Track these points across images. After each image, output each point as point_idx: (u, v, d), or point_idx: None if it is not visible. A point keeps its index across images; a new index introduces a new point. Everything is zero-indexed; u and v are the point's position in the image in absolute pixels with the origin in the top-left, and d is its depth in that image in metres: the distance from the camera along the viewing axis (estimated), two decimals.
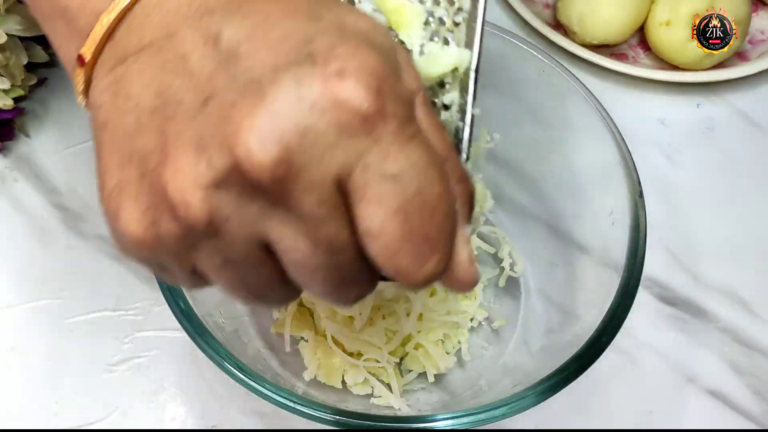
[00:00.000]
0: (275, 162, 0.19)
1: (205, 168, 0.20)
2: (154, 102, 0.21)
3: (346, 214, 0.21)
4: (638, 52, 0.58)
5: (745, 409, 0.44)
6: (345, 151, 0.20)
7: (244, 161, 0.19)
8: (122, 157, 0.22)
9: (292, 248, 0.21)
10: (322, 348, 0.40)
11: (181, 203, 0.20)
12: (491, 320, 0.44)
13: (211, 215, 0.20)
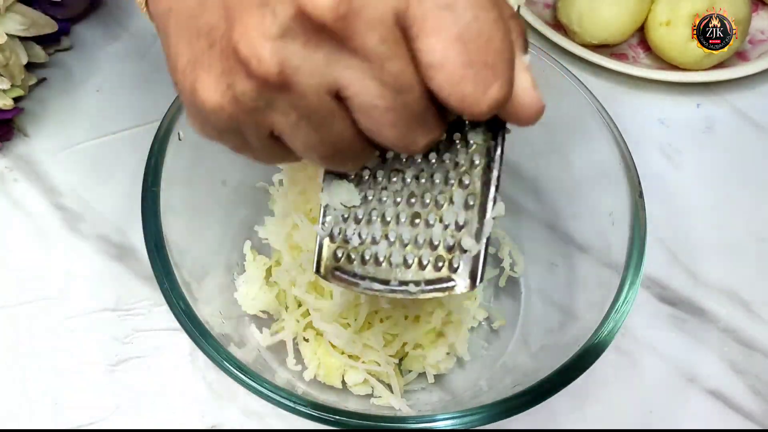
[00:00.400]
0: (336, 2, 0.20)
1: (271, 20, 0.21)
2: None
3: (408, 51, 0.21)
4: (638, 52, 0.58)
5: (745, 409, 0.44)
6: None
7: (307, 4, 0.20)
8: (191, 35, 0.23)
9: (361, 92, 0.22)
10: (323, 348, 0.40)
11: (253, 58, 0.21)
12: (491, 320, 0.44)
13: (282, 65, 0.21)
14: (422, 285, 0.29)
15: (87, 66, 0.55)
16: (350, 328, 0.39)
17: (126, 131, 0.52)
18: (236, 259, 0.43)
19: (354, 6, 0.20)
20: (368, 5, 0.21)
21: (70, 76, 0.54)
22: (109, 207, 0.48)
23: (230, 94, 0.22)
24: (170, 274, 0.35)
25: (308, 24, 0.21)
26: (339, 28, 0.21)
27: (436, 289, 0.29)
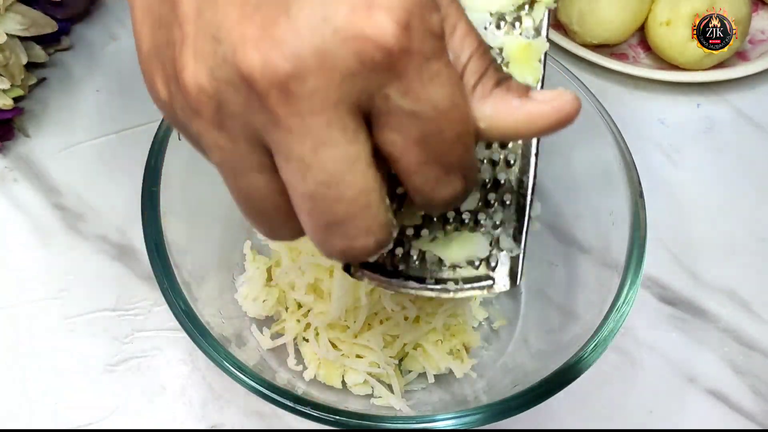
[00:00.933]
0: (285, 75, 0.19)
1: (214, 61, 0.20)
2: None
3: (361, 136, 0.21)
4: (638, 52, 0.58)
5: (745, 409, 0.44)
6: (365, 81, 0.20)
7: (254, 71, 0.19)
8: (153, 22, 0.23)
9: (283, 168, 0.21)
10: (323, 349, 0.40)
11: (190, 85, 0.21)
12: (491, 320, 0.44)
13: (216, 102, 0.21)
14: (460, 283, 0.29)
15: (87, 66, 0.55)
16: (349, 330, 0.39)
17: (126, 131, 0.52)
18: (236, 259, 0.43)
19: (304, 88, 0.19)
20: (321, 90, 0.20)
21: (70, 76, 0.54)
22: (109, 207, 0.48)
23: (170, 101, 0.22)
24: (170, 274, 0.35)
25: (251, 87, 0.20)
26: (279, 105, 0.20)
27: (475, 287, 0.29)
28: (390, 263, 0.29)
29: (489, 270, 0.29)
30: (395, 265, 0.29)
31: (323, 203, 0.21)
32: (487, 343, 0.43)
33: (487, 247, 0.29)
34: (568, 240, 0.43)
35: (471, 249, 0.29)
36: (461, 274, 0.29)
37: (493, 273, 0.29)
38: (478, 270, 0.29)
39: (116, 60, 0.55)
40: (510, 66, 0.28)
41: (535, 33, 0.29)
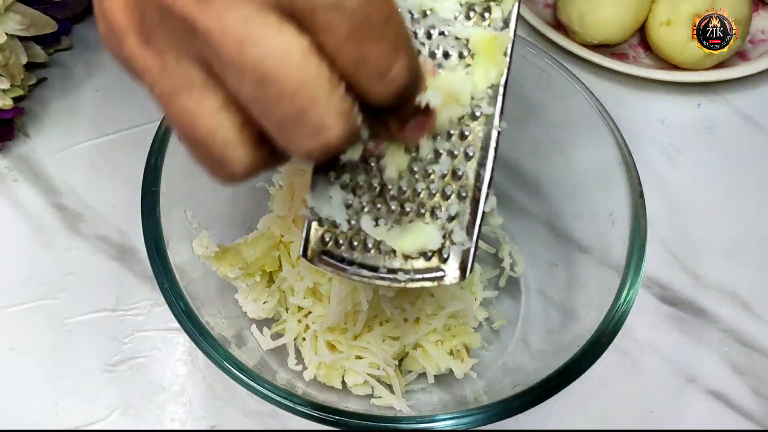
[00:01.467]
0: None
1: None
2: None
3: (287, 29, 0.20)
4: (639, 52, 0.58)
5: (745, 409, 0.44)
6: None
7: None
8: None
9: (224, 81, 0.21)
10: (323, 349, 0.40)
11: (114, 8, 0.22)
12: (491, 320, 0.44)
13: (138, 18, 0.21)
14: (411, 273, 0.29)
15: (87, 66, 0.55)
16: (349, 332, 0.39)
17: (126, 131, 0.52)
18: None
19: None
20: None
21: (71, 76, 0.54)
22: (109, 207, 0.48)
23: (105, 32, 0.23)
24: (170, 274, 0.35)
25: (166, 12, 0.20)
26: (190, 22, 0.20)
27: (426, 278, 0.29)
28: (347, 252, 0.30)
29: (441, 262, 0.29)
30: (353, 252, 0.30)
31: (267, 104, 0.20)
32: (487, 343, 0.43)
33: (440, 238, 0.29)
34: (568, 240, 0.43)
35: (423, 240, 0.29)
36: (413, 264, 0.29)
37: (444, 265, 0.29)
38: (430, 261, 0.29)
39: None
40: (475, 58, 0.28)
41: (503, 25, 0.29)
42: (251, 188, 0.44)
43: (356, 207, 0.30)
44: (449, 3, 0.29)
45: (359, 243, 0.30)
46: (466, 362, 0.41)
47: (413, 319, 0.40)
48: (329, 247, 0.30)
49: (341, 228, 0.30)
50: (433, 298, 0.40)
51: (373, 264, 0.30)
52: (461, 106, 0.29)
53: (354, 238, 0.30)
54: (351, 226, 0.30)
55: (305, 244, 0.30)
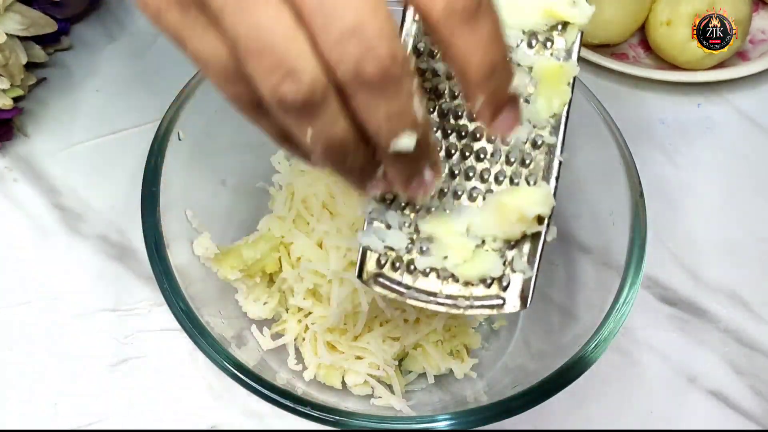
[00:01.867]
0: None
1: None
2: None
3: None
4: (639, 52, 0.58)
5: (745, 410, 0.44)
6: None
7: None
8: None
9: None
10: (322, 350, 0.40)
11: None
12: (491, 320, 0.44)
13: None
14: (471, 300, 0.29)
15: (87, 66, 0.55)
16: (349, 333, 0.39)
17: (126, 131, 0.52)
18: None
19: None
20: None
21: (70, 76, 0.54)
22: (108, 207, 0.48)
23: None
24: (170, 275, 0.35)
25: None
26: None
27: (485, 305, 0.29)
28: (403, 275, 0.29)
29: (500, 290, 0.29)
30: (410, 276, 0.29)
31: (332, 10, 0.21)
32: (487, 343, 0.43)
33: (501, 267, 0.29)
34: (568, 240, 0.43)
35: (485, 267, 0.29)
36: (473, 291, 0.29)
37: (504, 293, 0.29)
38: (490, 289, 0.29)
39: (116, 60, 0.55)
40: (538, 86, 0.28)
41: (566, 55, 0.28)
42: (251, 188, 0.44)
43: (413, 227, 0.29)
44: (512, 31, 0.28)
45: (417, 267, 0.29)
46: (466, 362, 0.41)
47: (413, 319, 0.40)
48: (385, 270, 0.30)
49: (398, 251, 0.29)
50: None
51: (431, 289, 0.29)
52: (525, 131, 0.29)
53: (411, 262, 0.29)
54: (408, 249, 0.29)
55: (360, 266, 0.30)
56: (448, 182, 0.29)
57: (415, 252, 0.29)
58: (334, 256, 0.38)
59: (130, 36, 0.57)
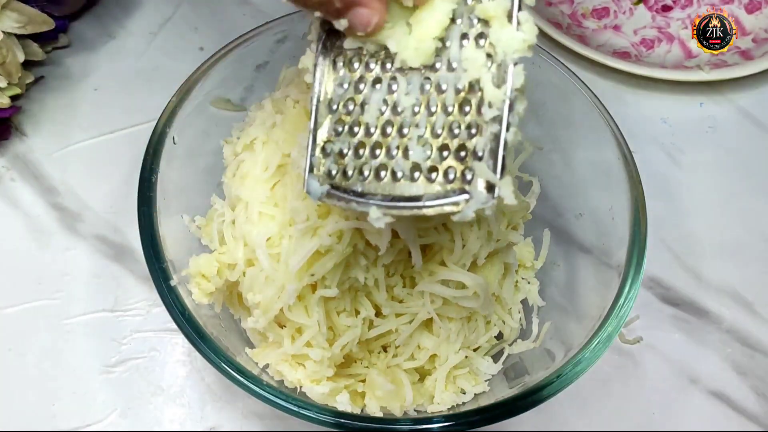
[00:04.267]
0: None
1: None
2: None
3: None
4: (641, 50, 0.58)
5: (748, 411, 0.44)
6: None
7: None
8: None
9: None
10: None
11: None
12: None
13: None
14: (432, 199, 0.26)
15: (85, 64, 0.54)
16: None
17: (125, 130, 0.51)
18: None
19: None
20: None
21: (68, 75, 0.54)
22: (106, 206, 0.48)
23: None
24: (167, 277, 0.35)
25: None
26: None
27: (448, 202, 0.26)
28: (357, 183, 0.27)
29: (464, 183, 0.26)
30: (363, 182, 0.27)
31: None
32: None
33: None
34: (568, 240, 0.43)
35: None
36: (433, 188, 0.26)
37: (469, 187, 0.26)
38: (452, 183, 0.26)
39: (114, 58, 0.55)
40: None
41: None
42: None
43: (362, 130, 0.27)
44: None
45: (370, 171, 0.27)
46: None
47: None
48: (336, 179, 0.27)
49: (348, 158, 0.27)
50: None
51: (388, 192, 0.27)
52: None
53: (363, 167, 0.27)
54: (359, 155, 0.27)
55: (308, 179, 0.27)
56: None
57: (365, 154, 0.27)
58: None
59: (129, 34, 0.56)
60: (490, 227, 0.36)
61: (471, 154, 0.26)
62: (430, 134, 0.27)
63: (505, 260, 0.39)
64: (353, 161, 0.27)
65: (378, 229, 0.32)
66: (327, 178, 0.27)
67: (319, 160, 0.27)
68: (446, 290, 0.36)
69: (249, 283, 0.36)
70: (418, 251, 0.35)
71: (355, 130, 0.27)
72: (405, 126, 0.27)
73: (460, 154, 0.26)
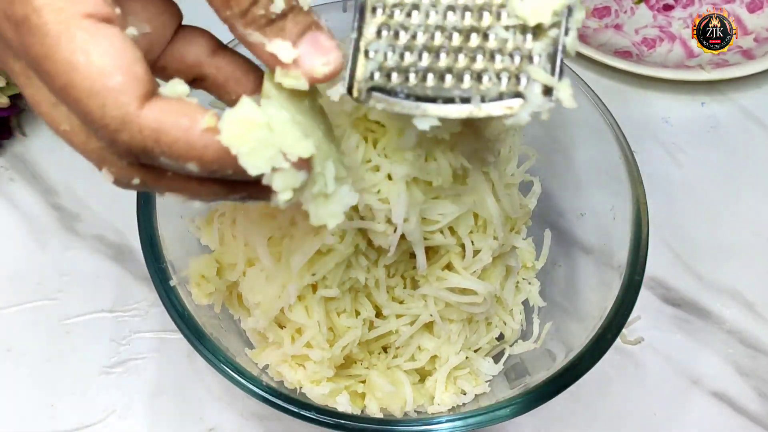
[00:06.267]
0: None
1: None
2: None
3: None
4: (642, 50, 0.58)
5: (749, 411, 0.44)
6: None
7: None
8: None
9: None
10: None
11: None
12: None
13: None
14: (485, 101, 0.25)
15: None
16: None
17: None
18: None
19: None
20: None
21: None
22: (106, 207, 0.48)
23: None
24: (166, 278, 0.35)
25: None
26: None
27: (501, 105, 0.25)
28: (401, 84, 0.26)
29: (518, 87, 0.25)
30: (408, 84, 0.26)
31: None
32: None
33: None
34: (569, 240, 0.43)
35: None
36: (485, 92, 0.25)
37: (524, 90, 0.25)
38: (506, 87, 0.25)
39: None
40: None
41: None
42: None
43: (408, 34, 0.26)
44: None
45: (417, 73, 0.26)
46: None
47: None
48: (379, 81, 0.26)
49: (393, 61, 0.26)
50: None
51: (434, 95, 0.25)
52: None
53: (409, 68, 0.26)
54: (404, 59, 0.26)
55: (350, 79, 0.26)
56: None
57: (411, 58, 0.26)
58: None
59: None
60: (495, 232, 0.36)
61: (526, 58, 0.25)
62: (481, 39, 0.26)
63: (507, 263, 0.39)
64: (398, 64, 0.26)
65: (384, 230, 0.33)
66: (369, 80, 0.26)
67: (362, 63, 0.26)
68: (453, 296, 0.36)
69: (249, 282, 0.36)
70: (423, 254, 0.35)
71: (401, 34, 0.26)
72: (455, 31, 0.26)
73: (514, 59, 0.25)
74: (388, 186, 0.32)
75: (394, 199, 0.32)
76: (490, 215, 0.35)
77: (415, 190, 0.33)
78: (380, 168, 0.32)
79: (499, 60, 0.25)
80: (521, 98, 0.25)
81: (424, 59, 0.26)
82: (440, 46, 0.26)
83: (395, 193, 0.32)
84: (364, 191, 0.32)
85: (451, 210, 0.34)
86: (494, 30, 0.25)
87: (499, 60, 0.25)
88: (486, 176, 0.35)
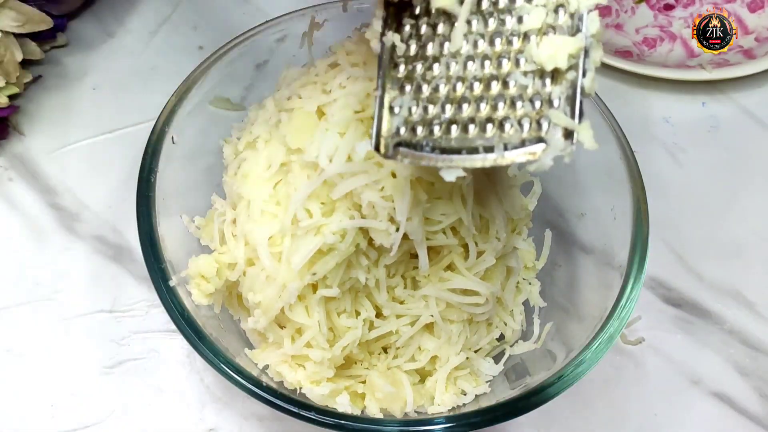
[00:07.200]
0: None
1: None
2: None
3: None
4: (643, 49, 0.58)
5: (750, 412, 0.44)
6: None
7: None
8: None
9: None
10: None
11: None
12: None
13: None
14: (508, 149, 0.25)
15: (83, 63, 0.54)
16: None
17: (122, 130, 0.51)
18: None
19: None
20: None
21: (66, 74, 0.54)
22: (105, 206, 0.48)
23: None
24: (165, 278, 0.35)
25: None
26: None
27: (525, 152, 0.25)
28: (426, 138, 0.26)
29: (540, 132, 0.25)
30: (432, 137, 0.26)
31: None
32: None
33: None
34: (570, 240, 0.43)
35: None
36: (507, 139, 0.25)
37: (545, 135, 0.25)
38: (527, 133, 0.25)
39: (113, 58, 0.55)
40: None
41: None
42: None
43: (431, 87, 0.26)
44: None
45: (441, 125, 0.26)
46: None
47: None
48: (405, 136, 0.27)
49: (416, 115, 0.26)
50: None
51: (459, 146, 0.26)
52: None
53: (433, 122, 0.26)
54: (428, 112, 0.26)
55: (377, 135, 0.27)
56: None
57: (435, 111, 0.26)
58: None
59: (128, 33, 0.56)
60: (498, 234, 0.36)
61: (546, 102, 0.26)
62: (501, 87, 0.26)
63: (508, 263, 0.39)
64: (422, 117, 0.27)
65: (386, 230, 0.33)
66: (395, 136, 0.27)
67: (387, 119, 0.27)
68: (455, 297, 0.36)
69: (249, 282, 0.35)
70: (426, 254, 0.35)
71: (423, 88, 0.27)
72: (475, 80, 0.26)
73: (535, 104, 0.26)
74: (393, 183, 0.32)
75: (398, 196, 0.32)
76: (493, 216, 0.35)
77: (419, 189, 0.33)
78: (384, 164, 0.32)
79: (519, 106, 0.26)
80: (543, 143, 0.25)
81: (447, 111, 0.26)
82: (462, 95, 0.26)
83: (399, 190, 0.32)
84: (367, 188, 0.32)
85: (453, 210, 0.34)
86: (513, 76, 0.26)
87: (519, 106, 0.26)
88: (489, 177, 0.35)
